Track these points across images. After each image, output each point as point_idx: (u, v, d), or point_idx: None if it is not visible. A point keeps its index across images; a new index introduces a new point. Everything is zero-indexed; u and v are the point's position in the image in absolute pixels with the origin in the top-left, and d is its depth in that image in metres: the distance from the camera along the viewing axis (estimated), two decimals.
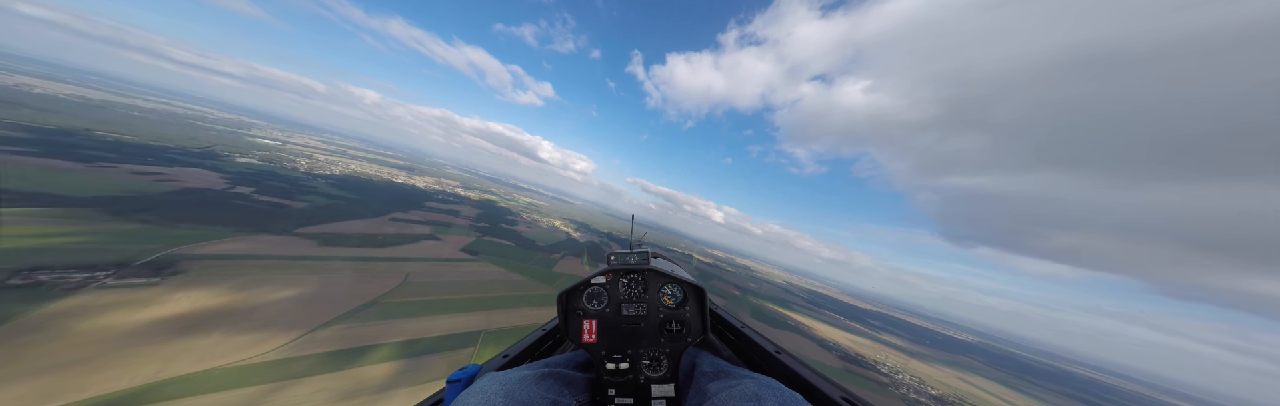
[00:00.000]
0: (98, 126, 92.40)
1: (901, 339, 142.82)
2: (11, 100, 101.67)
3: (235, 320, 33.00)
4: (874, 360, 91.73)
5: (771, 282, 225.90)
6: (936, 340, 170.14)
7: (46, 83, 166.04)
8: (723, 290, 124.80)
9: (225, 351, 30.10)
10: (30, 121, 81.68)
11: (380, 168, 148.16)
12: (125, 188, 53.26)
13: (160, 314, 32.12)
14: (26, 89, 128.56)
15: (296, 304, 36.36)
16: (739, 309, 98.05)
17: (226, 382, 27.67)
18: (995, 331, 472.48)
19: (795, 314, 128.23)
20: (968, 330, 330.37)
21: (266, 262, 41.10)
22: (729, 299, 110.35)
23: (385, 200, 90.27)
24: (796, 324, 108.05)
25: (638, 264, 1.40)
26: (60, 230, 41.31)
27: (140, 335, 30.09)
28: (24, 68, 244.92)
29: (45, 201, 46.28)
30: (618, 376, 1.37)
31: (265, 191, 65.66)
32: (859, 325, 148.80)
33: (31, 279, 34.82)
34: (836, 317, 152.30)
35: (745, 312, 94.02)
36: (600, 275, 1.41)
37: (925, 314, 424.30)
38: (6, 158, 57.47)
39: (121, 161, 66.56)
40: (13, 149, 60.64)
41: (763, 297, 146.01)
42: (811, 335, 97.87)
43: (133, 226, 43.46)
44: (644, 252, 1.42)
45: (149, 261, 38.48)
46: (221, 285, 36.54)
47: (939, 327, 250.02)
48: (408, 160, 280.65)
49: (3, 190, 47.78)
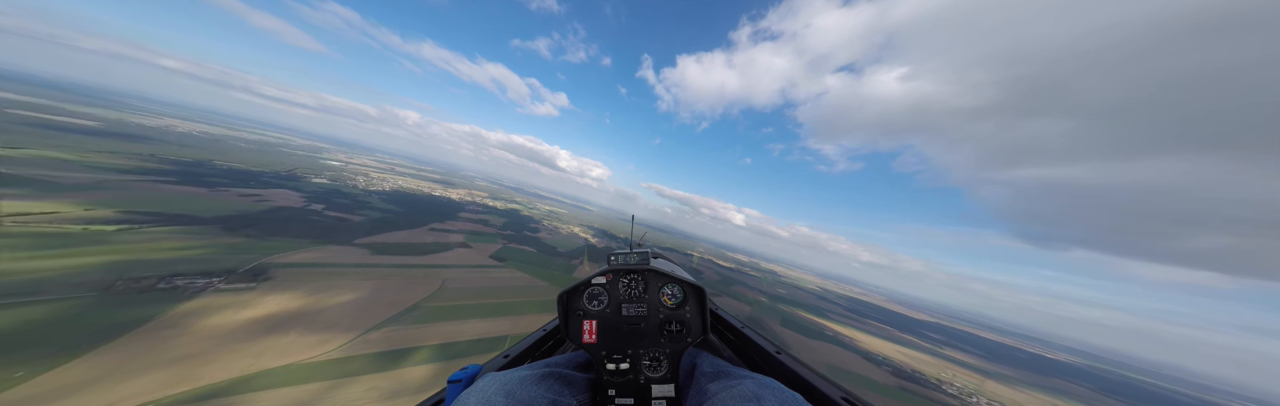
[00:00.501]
0: (217, 157, 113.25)
1: (971, 355, 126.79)
2: (160, 138, 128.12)
3: (306, 321, 38.80)
4: (937, 378, 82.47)
5: (803, 288, 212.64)
6: (1019, 359, 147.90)
7: (184, 122, 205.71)
8: (748, 296, 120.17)
9: (299, 349, 35.45)
10: (173, 155, 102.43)
11: (421, 182, 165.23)
12: (234, 208, 65.60)
13: (254, 315, 38.76)
14: (171, 128, 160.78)
15: (353, 307, 41.93)
16: (768, 317, 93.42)
17: (298, 378, 32.54)
18: (1103, 351, 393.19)
19: (833, 323, 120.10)
20: (1063, 348, 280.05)
21: (331, 270, 48.25)
22: (755, 306, 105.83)
23: (425, 212, 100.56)
24: (835, 334, 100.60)
25: (638, 264, 1.43)
26: (191, 243, 51.73)
27: (238, 333, 36.51)
28: (168, 111, 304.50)
29: (181, 221, 58.21)
30: (618, 376, 1.39)
31: (333, 207, 76.81)
32: (914, 337, 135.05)
33: (171, 283, 43.77)
34: (884, 328, 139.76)
35: (775, 321, 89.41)
36: (600, 275, 1.42)
37: (1000, 327, 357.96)
38: (156, 186, 71.88)
39: (232, 186, 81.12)
40: (161, 179, 77.06)
41: (795, 305, 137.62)
42: (855, 347, 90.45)
43: (238, 240, 53.26)
44: (644, 253, 1.44)
45: (248, 269, 46.84)
46: (298, 290, 43.31)
47: (1021, 343, 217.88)
48: (443, 174, 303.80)
49: (154, 212, 61.15)
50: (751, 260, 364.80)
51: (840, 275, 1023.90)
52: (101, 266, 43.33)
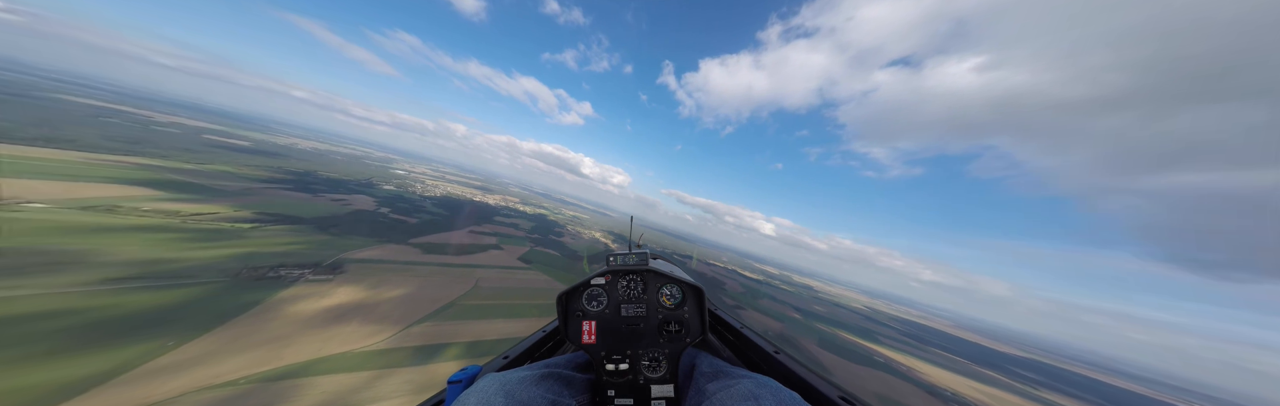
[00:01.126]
0: (320, 168, 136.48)
1: (1085, 403, 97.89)
2: (286, 154, 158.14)
3: (364, 313, 43.33)
4: None
5: (846, 307, 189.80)
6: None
7: (303, 140, 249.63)
8: (778, 312, 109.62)
9: (356, 338, 39.65)
10: (293, 167, 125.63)
11: (465, 188, 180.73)
12: (326, 210, 77.88)
13: (328, 304, 44.25)
14: (294, 146, 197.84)
15: (402, 302, 45.83)
16: (803, 336, 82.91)
17: (351, 365, 36.08)
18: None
19: (885, 348, 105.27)
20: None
21: (389, 266, 53.92)
22: (788, 323, 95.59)
23: (467, 215, 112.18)
24: (887, 360, 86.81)
25: (636, 265, 1.41)
26: (294, 240, 61.79)
27: (314, 320, 41.79)
28: (293, 132, 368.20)
29: (291, 221, 69.16)
30: (617, 377, 1.37)
31: (396, 211, 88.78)
32: (998, 374, 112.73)
33: (277, 273, 52.15)
34: (953, 359, 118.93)
35: (811, 341, 78.87)
36: (599, 276, 1.41)
37: (1135, 372, 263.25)
38: (279, 193, 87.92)
39: (327, 192, 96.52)
40: (283, 187, 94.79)
41: (836, 325, 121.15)
42: (915, 378, 77.08)
43: (325, 237, 62.22)
44: (643, 253, 1.42)
45: (329, 264, 54.14)
46: (361, 283, 48.82)
47: (1167, 396, 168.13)
48: (483, 181, 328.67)
49: (275, 214, 75.17)
50: (782, 272, 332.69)
51: (894, 294, 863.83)
52: (234, 257, 53.54)
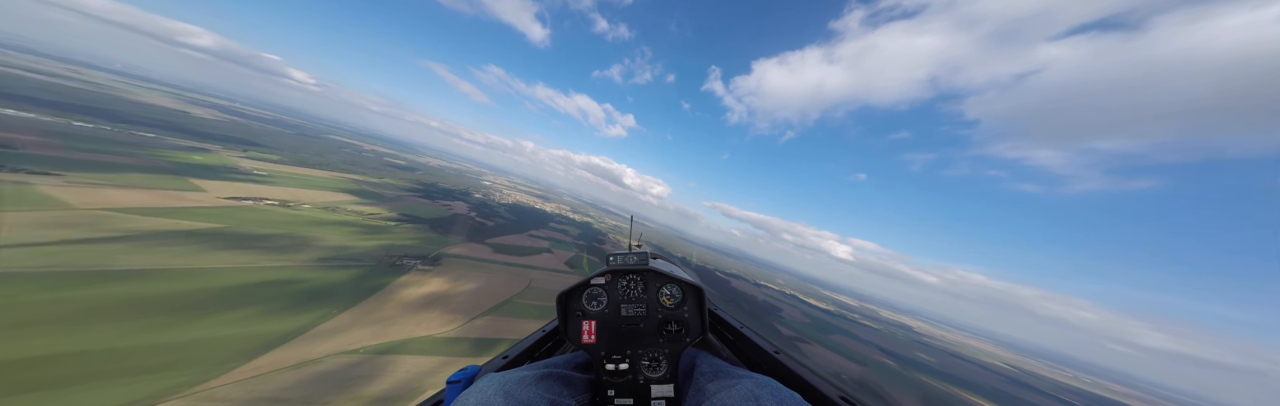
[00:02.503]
0: (439, 180, 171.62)
1: None
2: (424, 169, 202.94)
3: (446, 302, 49.68)
4: None
5: (973, 361, 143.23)
6: None
7: (435, 160, 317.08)
8: (858, 353, 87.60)
9: (435, 325, 45.80)
10: (425, 180, 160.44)
11: (530, 197, 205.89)
12: (437, 213, 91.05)
13: (426, 291, 52.04)
14: (428, 164, 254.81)
15: (472, 296, 51.51)
16: (900, 390, 59.83)
17: (428, 349, 41.57)
18: None
19: None
20: None
21: (468, 262, 61.84)
22: (874, 368, 71.64)
23: (529, 220, 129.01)
24: None
25: (636, 264, 1.39)
26: (417, 236, 76.45)
27: (414, 304, 50.73)
28: (430, 153, 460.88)
29: (417, 221, 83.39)
30: (617, 377, 1.33)
31: (481, 215, 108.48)
32: None
33: (402, 262, 65.10)
34: None
35: (913, 397, 56.91)
36: (599, 276, 1.38)
37: None
38: (415, 199, 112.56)
39: (440, 199, 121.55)
40: (417, 195, 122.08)
41: (961, 384, 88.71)
42: None
43: (434, 235, 75.50)
44: (643, 253, 1.41)
45: (432, 256, 65.58)
46: (448, 276, 56.66)
47: None
48: (543, 190, 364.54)
49: (409, 215, 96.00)
50: (863, 304, 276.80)
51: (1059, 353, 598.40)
52: (381, 247, 68.99)
